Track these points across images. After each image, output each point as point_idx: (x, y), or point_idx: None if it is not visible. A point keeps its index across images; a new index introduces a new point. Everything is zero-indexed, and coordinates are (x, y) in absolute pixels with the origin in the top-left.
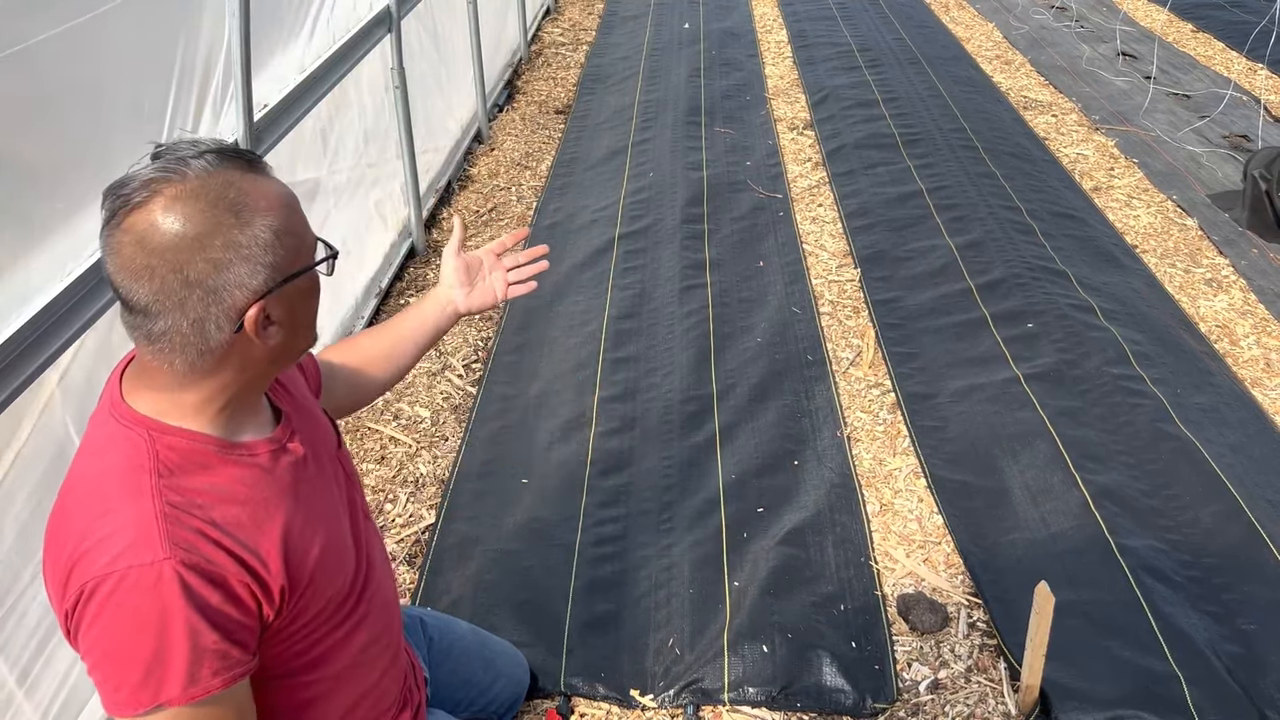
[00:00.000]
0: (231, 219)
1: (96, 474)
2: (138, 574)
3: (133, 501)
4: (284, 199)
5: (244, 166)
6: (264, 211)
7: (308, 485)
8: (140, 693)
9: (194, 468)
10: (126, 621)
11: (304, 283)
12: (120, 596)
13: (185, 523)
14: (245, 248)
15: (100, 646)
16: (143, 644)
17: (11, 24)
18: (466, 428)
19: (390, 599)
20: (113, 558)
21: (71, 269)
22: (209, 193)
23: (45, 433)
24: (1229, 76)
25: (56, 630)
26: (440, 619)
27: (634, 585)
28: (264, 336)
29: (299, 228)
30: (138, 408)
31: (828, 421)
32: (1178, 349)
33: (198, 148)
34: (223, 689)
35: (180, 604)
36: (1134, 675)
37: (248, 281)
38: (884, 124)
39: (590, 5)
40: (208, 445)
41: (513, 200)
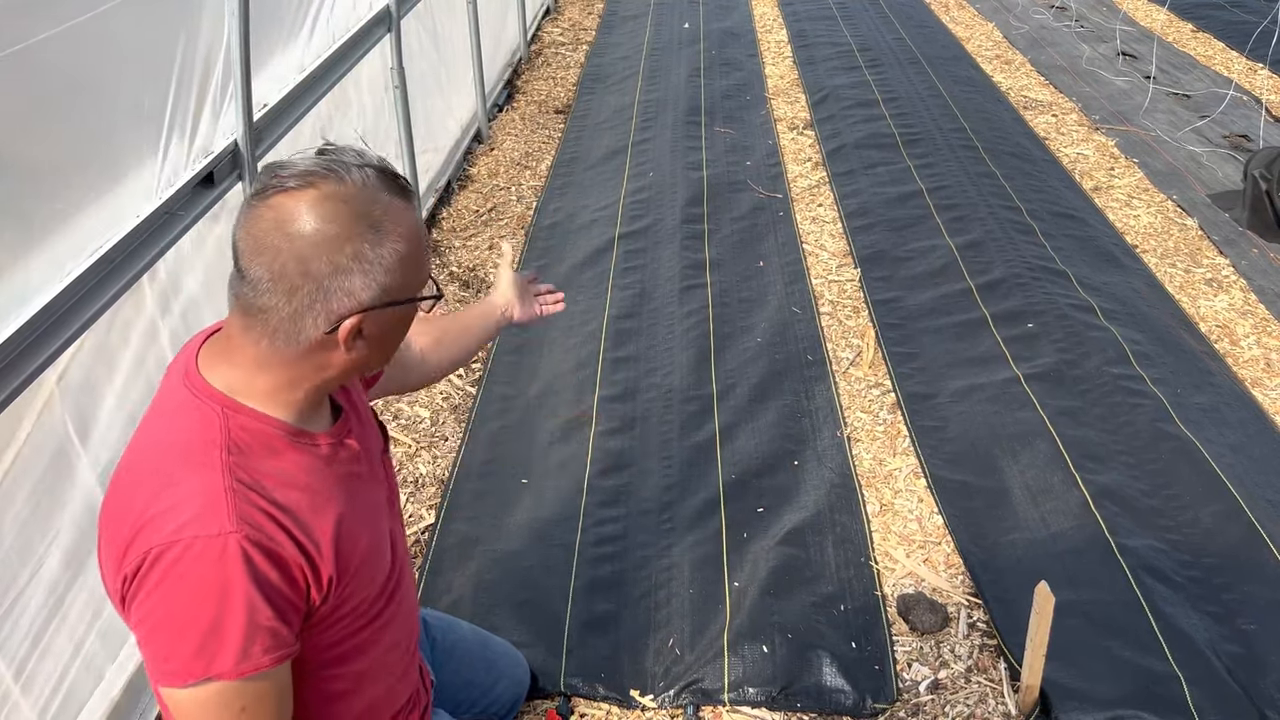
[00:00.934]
0: (369, 232)
1: (166, 442)
2: (204, 544)
3: (202, 473)
4: (418, 232)
5: (396, 190)
6: (397, 236)
7: (359, 482)
8: (193, 663)
9: (263, 449)
10: (188, 590)
11: (404, 311)
12: (185, 566)
13: (252, 500)
14: (369, 262)
15: (158, 614)
16: (202, 614)
17: (11, 23)
18: (466, 428)
19: (413, 604)
20: (179, 526)
21: (71, 269)
22: (358, 202)
23: (44, 432)
24: (1229, 76)
25: (53, 629)
26: (442, 619)
27: (634, 585)
28: (351, 347)
29: (420, 261)
30: (213, 382)
31: (828, 421)
32: (1178, 349)
33: (363, 159)
34: (272, 667)
35: (243, 578)
36: (1134, 675)
37: (358, 293)
38: (884, 124)
39: (590, 5)
40: (278, 430)
41: (513, 200)
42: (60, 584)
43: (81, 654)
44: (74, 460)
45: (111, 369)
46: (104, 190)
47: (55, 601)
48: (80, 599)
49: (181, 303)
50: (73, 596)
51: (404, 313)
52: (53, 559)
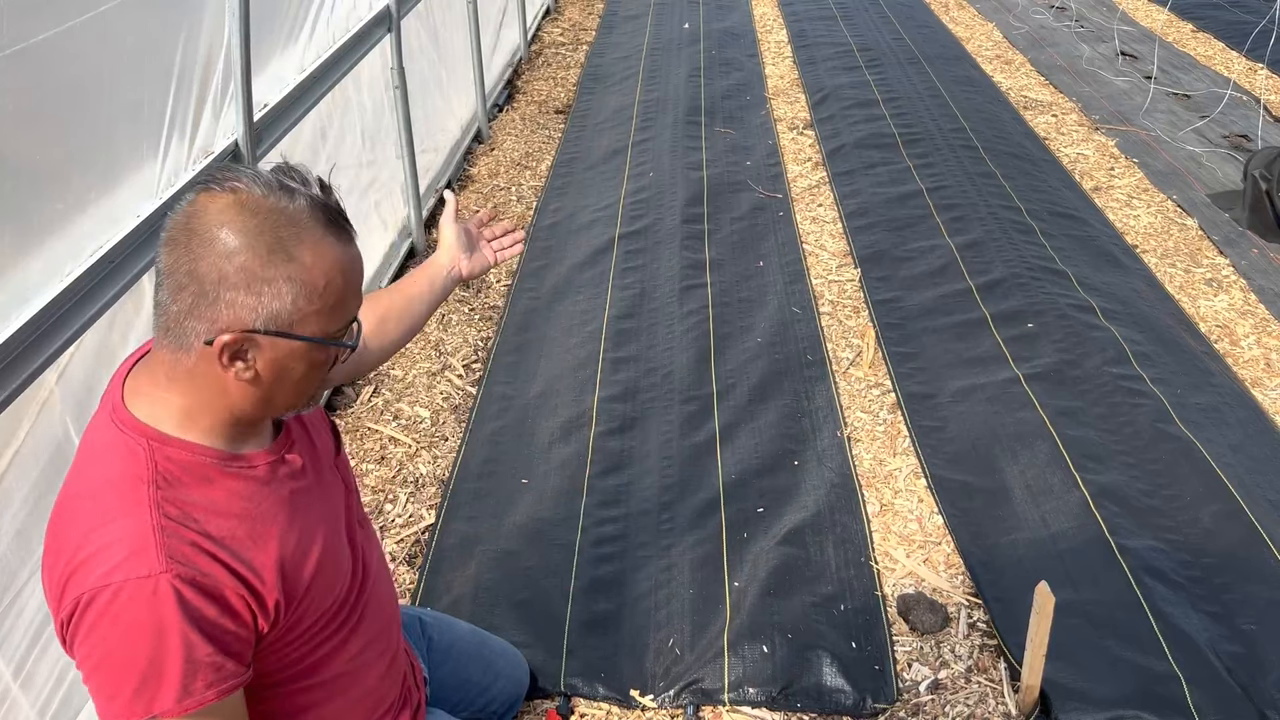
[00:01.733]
0: (268, 253)
1: (95, 481)
2: (134, 586)
3: (130, 513)
4: (335, 272)
5: (327, 225)
6: (302, 266)
7: (305, 495)
8: (134, 704)
9: (192, 480)
10: (122, 633)
11: (298, 347)
12: (117, 609)
13: (182, 535)
14: (258, 281)
15: (95, 656)
16: (138, 655)
17: (11, 23)
18: (466, 428)
19: (386, 601)
20: (109, 569)
21: (71, 270)
22: (271, 220)
23: (43, 433)
24: (1229, 76)
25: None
26: (440, 619)
27: (634, 585)
28: (231, 369)
29: (327, 300)
30: (138, 414)
31: (828, 421)
32: (1178, 349)
33: (307, 186)
34: (216, 700)
35: (176, 617)
36: (1134, 675)
37: (239, 309)
38: (884, 124)
39: (590, 5)
40: (206, 457)
41: (513, 200)
42: None
43: None
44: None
45: (112, 370)
46: (104, 191)
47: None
48: None
49: None
50: None
51: (299, 348)
52: None
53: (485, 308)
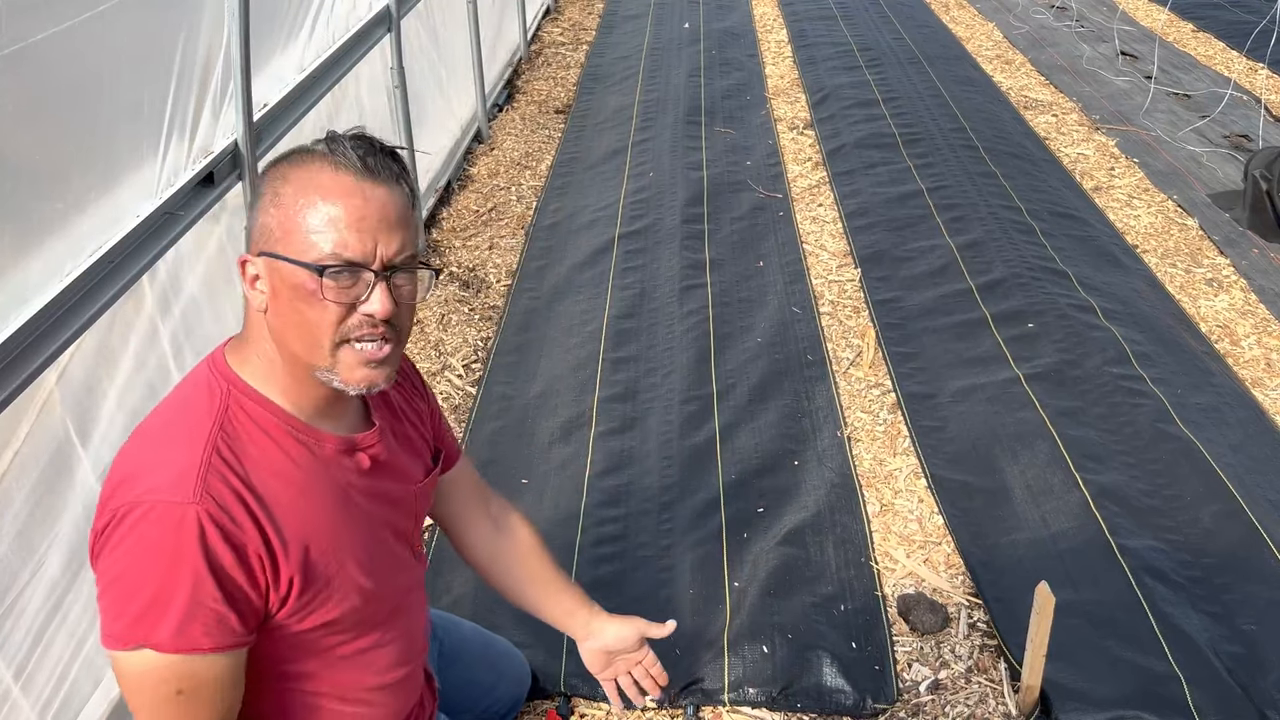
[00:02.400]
0: (270, 175)
1: (172, 408)
2: (164, 510)
3: (188, 442)
4: (310, 189)
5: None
6: (287, 181)
7: (362, 496)
8: (134, 628)
9: (257, 433)
10: (140, 553)
11: (282, 268)
12: (143, 527)
13: (227, 479)
14: (257, 196)
15: (112, 571)
16: (149, 579)
17: (10, 23)
18: (466, 428)
19: (416, 631)
20: (150, 488)
21: (70, 269)
22: (293, 155)
23: (44, 433)
24: (1229, 76)
25: (53, 628)
26: (445, 620)
27: (634, 585)
28: (253, 291)
29: (301, 218)
30: (230, 360)
31: (828, 421)
32: (1178, 349)
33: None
34: (210, 652)
35: (194, 550)
36: (1134, 675)
37: (250, 231)
38: (884, 124)
39: (590, 5)
40: (278, 418)
41: (513, 200)
42: (60, 584)
43: (82, 653)
44: (74, 461)
45: (112, 369)
46: (104, 190)
47: (55, 602)
48: (80, 599)
49: (182, 303)
50: (73, 597)
51: (285, 272)
52: (53, 559)
53: (485, 308)
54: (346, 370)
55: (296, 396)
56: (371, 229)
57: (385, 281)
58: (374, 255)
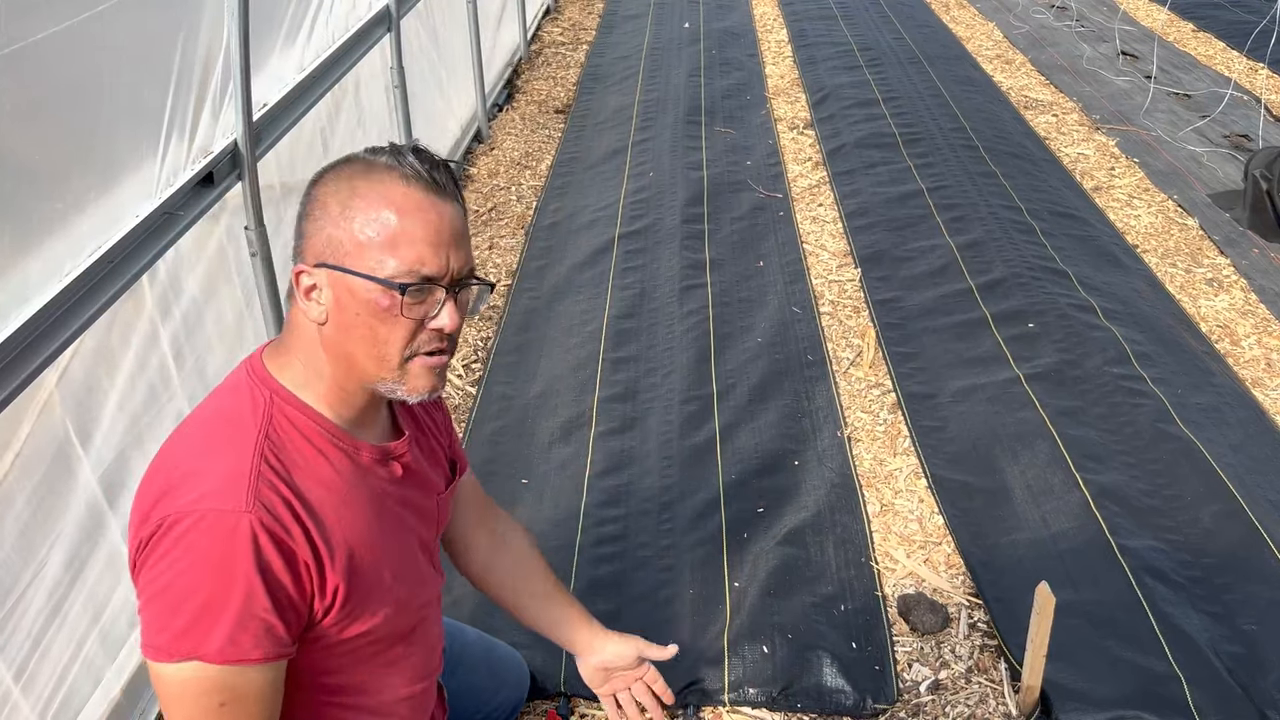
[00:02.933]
0: (335, 185)
1: (213, 415)
2: (216, 518)
3: (234, 449)
4: (383, 204)
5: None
6: (358, 195)
7: (395, 505)
8: (180, 641)
9: (301, 441)
10: (191, 562)
11: (354, 283)
12: (194, 537)
13: (276, 486)
14: (320, 207)
15: (160, 581)
16: (199, 589)
17: (10, 23)
18: (466, 428)
19: (435, 647)
20: (199, 496)
21: (70, 269)
22: (355, 166)
23: (44, 434)
24: (1229, 76)
25: (52, 630)
26: (449, 625)
27: (634, 585)
28: (309, 304)
29: (376, 233)
30: (270, 367)
31: (828, 421)
32: (1178, 349)
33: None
34: (259, 663)
35: (248, 559)
36: (1135, 676)
37: (310, 239)
38: (884, 123)
39: (590, 5)
40: (320, 426)
41: (513, 200)
42: (61, 585)
43: (82, 655)
44: (75, 462)
45: (112, 370)
46: (103, 190)
47: (56, 603)
48: (80, 601)
49: (182, 303)
50: (74, 598)
51: (357, 287)
52: (54, 561)
53: (485, 308)
54: (413, 380)
55: (338, 404)
56: (446, 245)
57: (454, 297)
58: (447, 271)
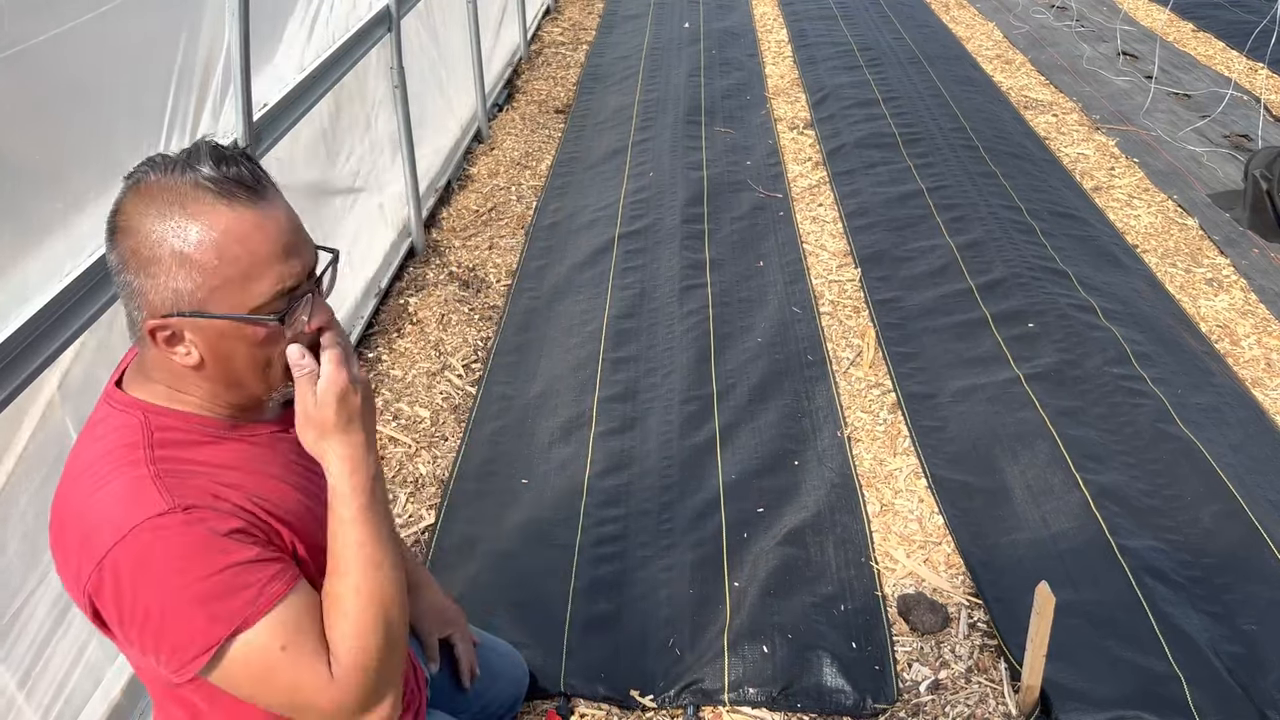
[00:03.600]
0: (150, 232)
1: (90, 456)
2: (147, 527)
3: (126, 471)
4: (223, 239)
5: (216, 195)
6: (187, 239)
7: (307, 471)
8: (214, 627)
9: (189, 444)
10: (162, 574)
11: (225, 326)
12: (144, 556)
13: (184, 481)
14: (148, 262)
15: (154, 605)
16: (188, 585)
17: (11, 23)
18: (466, 428)
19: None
20: (118, 524)
21: (70, 269)
22: (157, 200)
23: (46, 434)
24: (1230, 76)
25: (59, 633)
26: None
27: (634, 585)
28: (173, 354)
29: (228, 271)
30: (132, 393)
31: (828, 421)
32: (1178, 349)
33: (202, 159)
34: (286, 591)
35: (203, 534)
36: (1135, 676)
37: (149, 294)
38: (884, 123)
39: (590, 5)
40: (205, 425)
41: (512, 200)
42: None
43: (84, 657)
44: None
45: (114, 370)
46: (103, 190)
47: (63, 607)
48: None
49: None
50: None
51: (230, 329)
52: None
53: (485, 308)
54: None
55: (220, 405)
56: (294, 250)
57: (316, 291)
58: (304, 272)
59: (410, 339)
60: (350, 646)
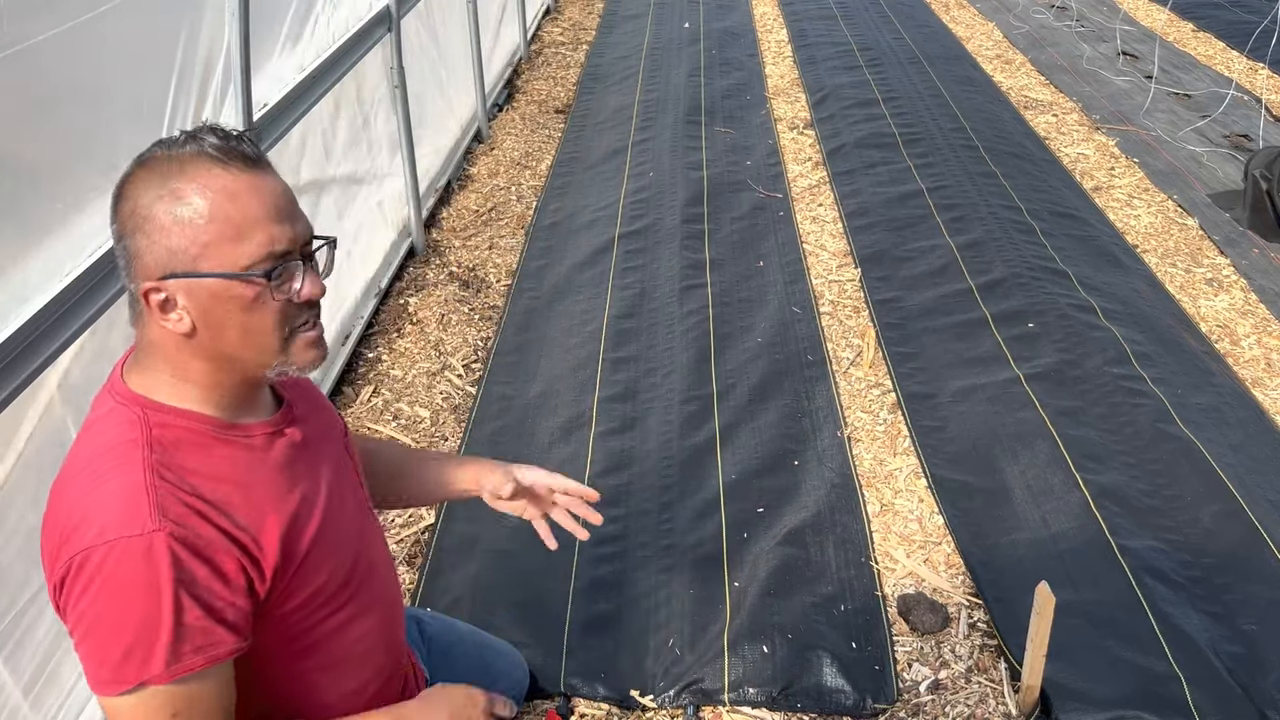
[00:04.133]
0: (151, 192)
1: (91, 450)
2: (126, 545)
3: (123, 473)
4: (218, 196)
5: (214, 159)
6: (183, 198)
7: (305, 467)
8: (123, 668)
9: (187, 446)
10: (113, 593)
11: (216, 286)
12: (110, 568)
13: (177, 496)
14: (145, 221)
15: (87, 619)
16: (129, 617)
17: (12, 23)
18: (466, 428)
19: (392, 599)
20: (101, 528)
21: (70, 269)
22: (159, 165)
23: (46, 434)
24: (1230, 76)
25: (47, 625)
26: (439, 620)
27: (634, 585)
28: (166, 321)
29: (222, 230)
30: (132, 385)
31: (828, 421)
32: (1178, 349)
33: (201, 132)
34: (205, 666)
35: (169, 577)
36: (1135, 675)
37: (144, 256)
38: (884, 123)
39: (590, 5)
40: (203, 425)
41: (512, 200)
42: None
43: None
44: None
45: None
46: (104, 190)
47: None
48: None
49: None
50: None
51: (221, 289)
52: None
53: (485, 308)
54: (298, 356)
55: (215, 400)
56: (286, 216)
57: (309, 263)
58: (297, 241)
59: (410, 339)
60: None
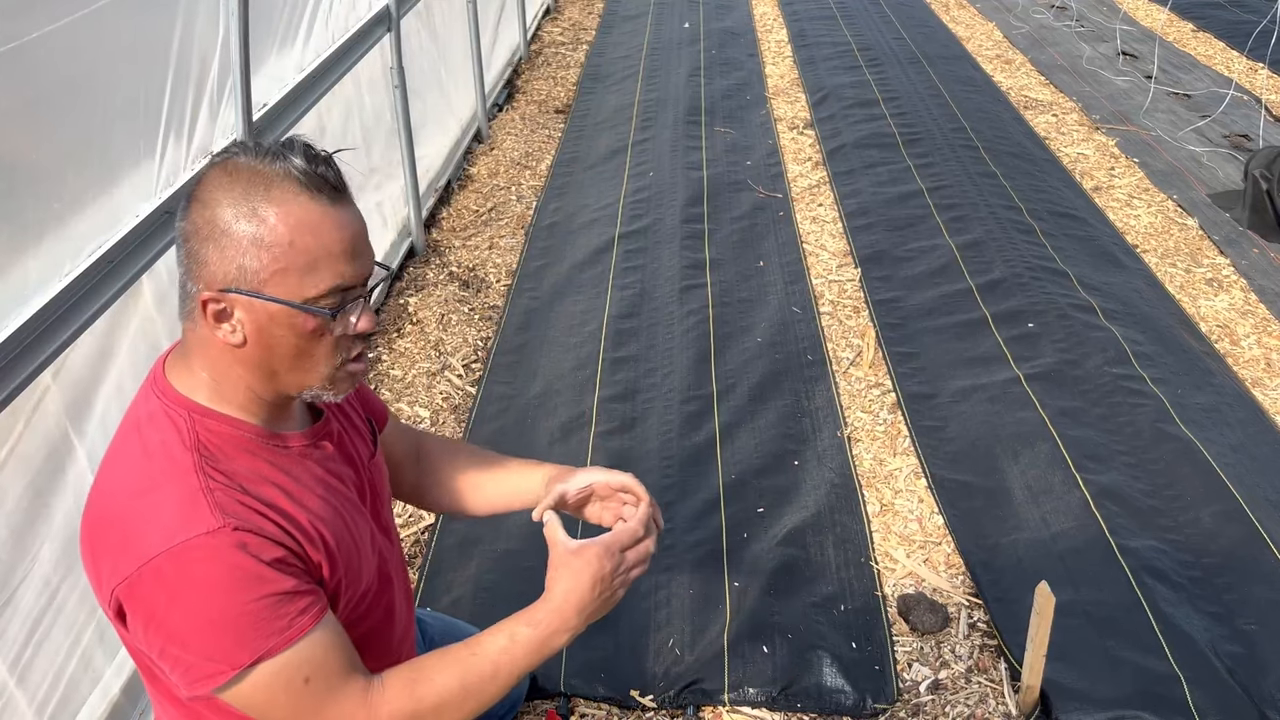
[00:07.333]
0: (232, 208)
1: (137, 451)
2: (198, 544)
3: (176, 477)
4: (299, 227)
5: (307, 186)
6: (265, 222)
7: (336, 481)
8: (238, 652)
9: (232, 451)
10: (203, 592)
11: (276, 310)
12: (189, 571)
13: (230, 495)
14: (222, 235)
15: (184, 625)
16: (227, 607)
17: (6, 21)
18: (466, 428)
19: (406, 620)
20: (167, 534)
21: (69, 269)
22: (245, 180)
23: (40, 434)
24: (1230, 76)
25: (45, 624)
26: (441, 620)
27: (633, 585)
28: (219, 330)
29: (294, 259)
30: (177, 386)
31: (828, 421)
32: (1178, 349)
33: (291, 150)
34: (313, 625)
35: (249, 562)
36: (1135, 676)
37: (212, 265)
38: (884, 123)
39: (590, 5)
40: (245, 432)
41: (512, 200)
42: (51, 584)
43: (79, 651)
44: (69, 461)
45: (111, 370)
46: (101, 190)
47: (60, 604)
48: (75, 596)
49: None
50: (70, 597)
51: (281, 314)
52: (44, 558)
53: (485, 307)
54: (339, 385)
55: (256, 408)
56: (359, 254)
57: (368, 298)
58: (361, 276)
59: (410, 339)
60: (422, 694)
